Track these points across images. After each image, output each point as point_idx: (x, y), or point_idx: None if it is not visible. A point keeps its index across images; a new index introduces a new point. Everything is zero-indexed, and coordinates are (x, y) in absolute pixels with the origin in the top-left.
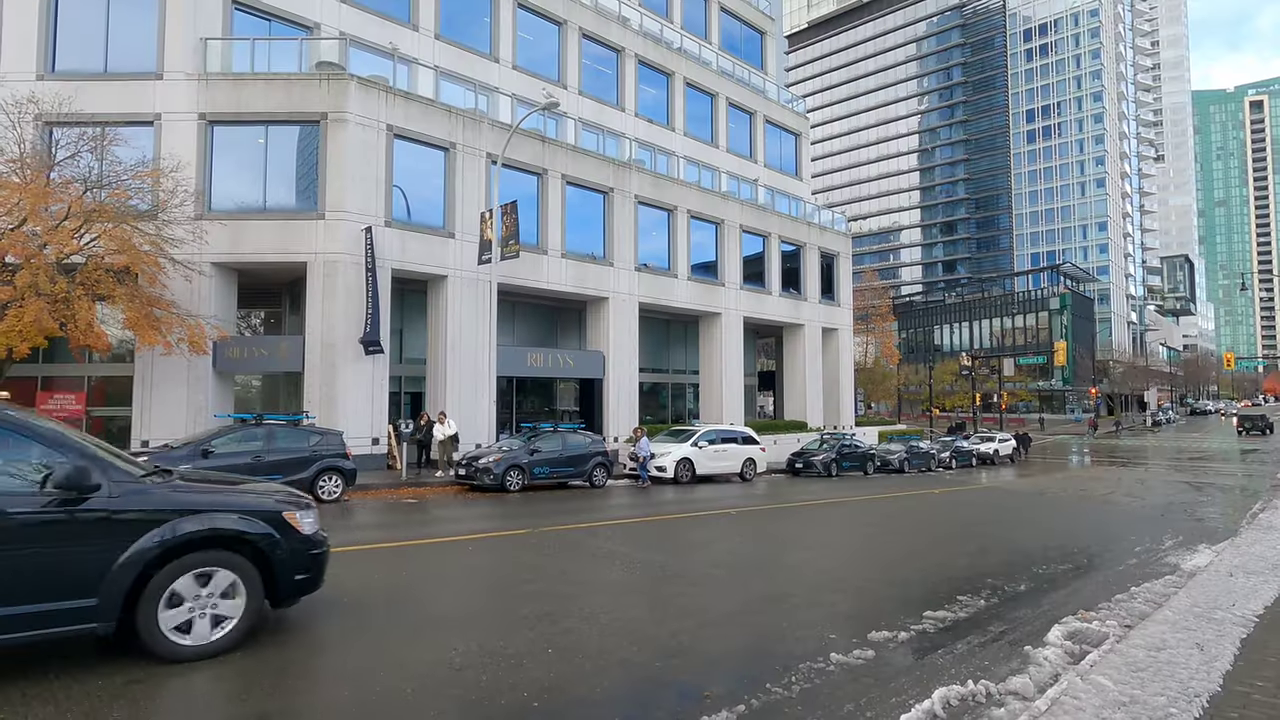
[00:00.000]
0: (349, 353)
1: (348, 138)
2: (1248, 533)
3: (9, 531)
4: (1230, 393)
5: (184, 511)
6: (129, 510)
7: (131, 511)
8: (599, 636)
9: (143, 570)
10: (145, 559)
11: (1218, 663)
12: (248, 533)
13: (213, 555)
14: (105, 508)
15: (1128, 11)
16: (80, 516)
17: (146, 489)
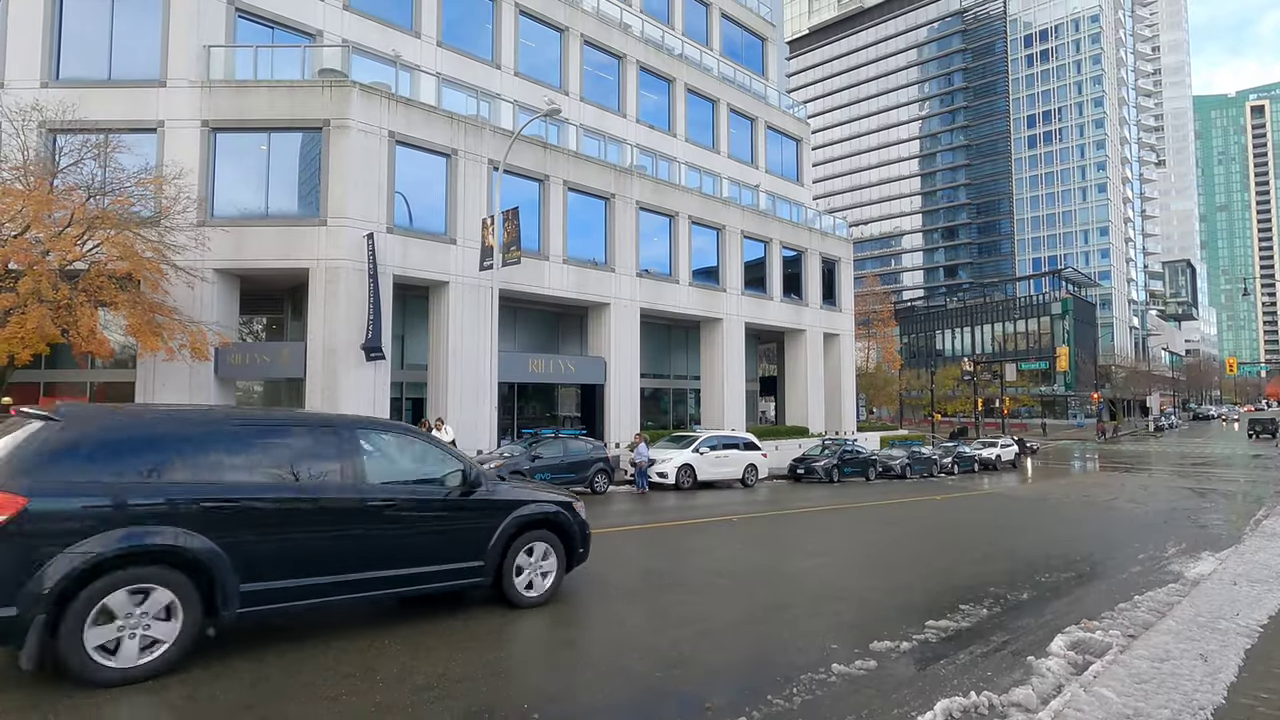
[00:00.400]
0: (351, 359)
1: (350, 144)
2: (1251, 540)
3: (434, 513)
4: (1233, 397)
5: (525, 502)
6: (496, 500)
7: (499, 501)
8: (599, 645)
9: (507, 541)
10: (507, 533)
11: (1222, 674)
12: (559, 515)
13: (539, 534)
14: (484, 497)
15: (1128, 17)
16: (470, 504)
17: (500, 486)
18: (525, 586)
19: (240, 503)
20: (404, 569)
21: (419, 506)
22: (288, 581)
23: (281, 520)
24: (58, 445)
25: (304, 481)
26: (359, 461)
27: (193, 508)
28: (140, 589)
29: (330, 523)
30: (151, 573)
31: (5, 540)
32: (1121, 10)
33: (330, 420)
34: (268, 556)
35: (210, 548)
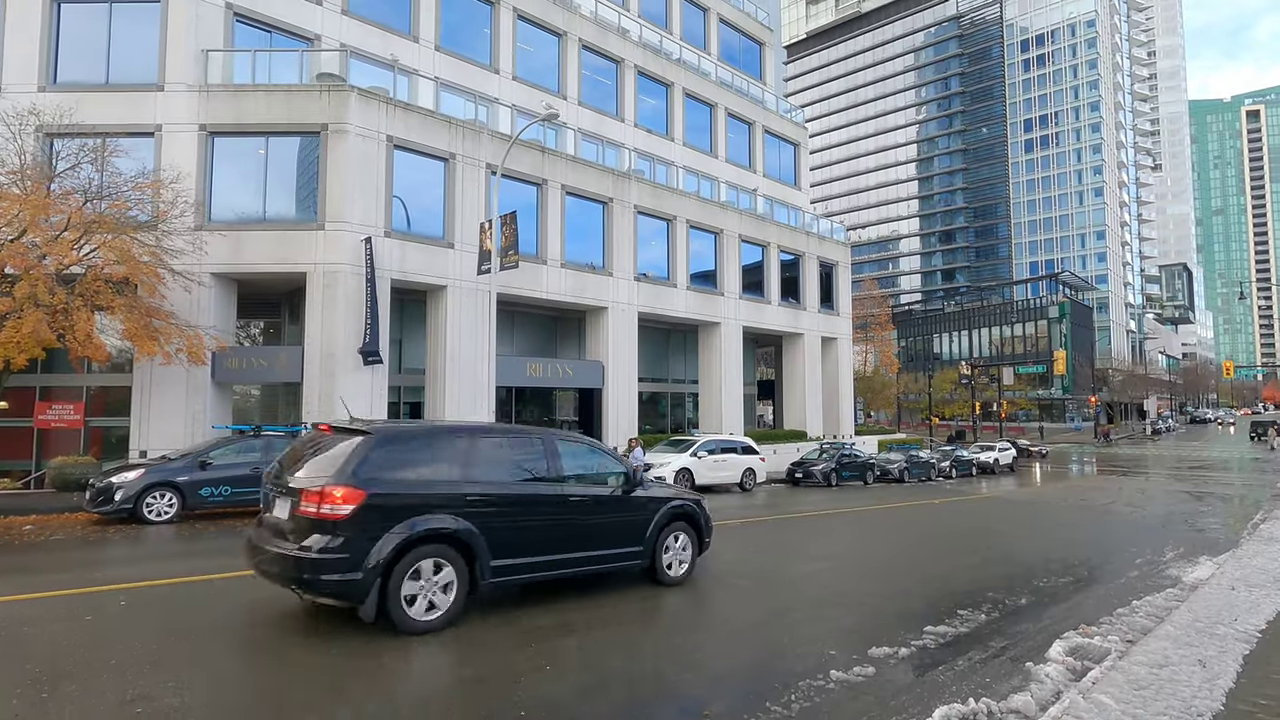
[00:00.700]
0: (348, 363)
1: (348, 149)
2: (1249, 544)
3: (607, 507)
4: (1229, 401)
5: (671, 499)
6: (651, 497)
7: (653, 497)
8: (599, 652)
9: (659, 531)
10: (661, 523)
11: (1220, 680)
12: (694, 509)
13: (680, 525)
14: (642, 495)
15: (1124, 22)
16: (632, 500)
17: (652, 486)
18: (668, 568)
19: (491, 496)
20: (592, 551)
21: (598, 501)
22: (521, 559)
23: (517, 510)
24: (376, 453)
25: (528, 480)
26: (560, 464)
27: (463, 500)
28: (435, 562)
29: (546, 513)
30: (440, 549)
31: (353, 523)
32: (1117, 15)
33: (544, 434)
34: (509, 539)
35: (474, 531)
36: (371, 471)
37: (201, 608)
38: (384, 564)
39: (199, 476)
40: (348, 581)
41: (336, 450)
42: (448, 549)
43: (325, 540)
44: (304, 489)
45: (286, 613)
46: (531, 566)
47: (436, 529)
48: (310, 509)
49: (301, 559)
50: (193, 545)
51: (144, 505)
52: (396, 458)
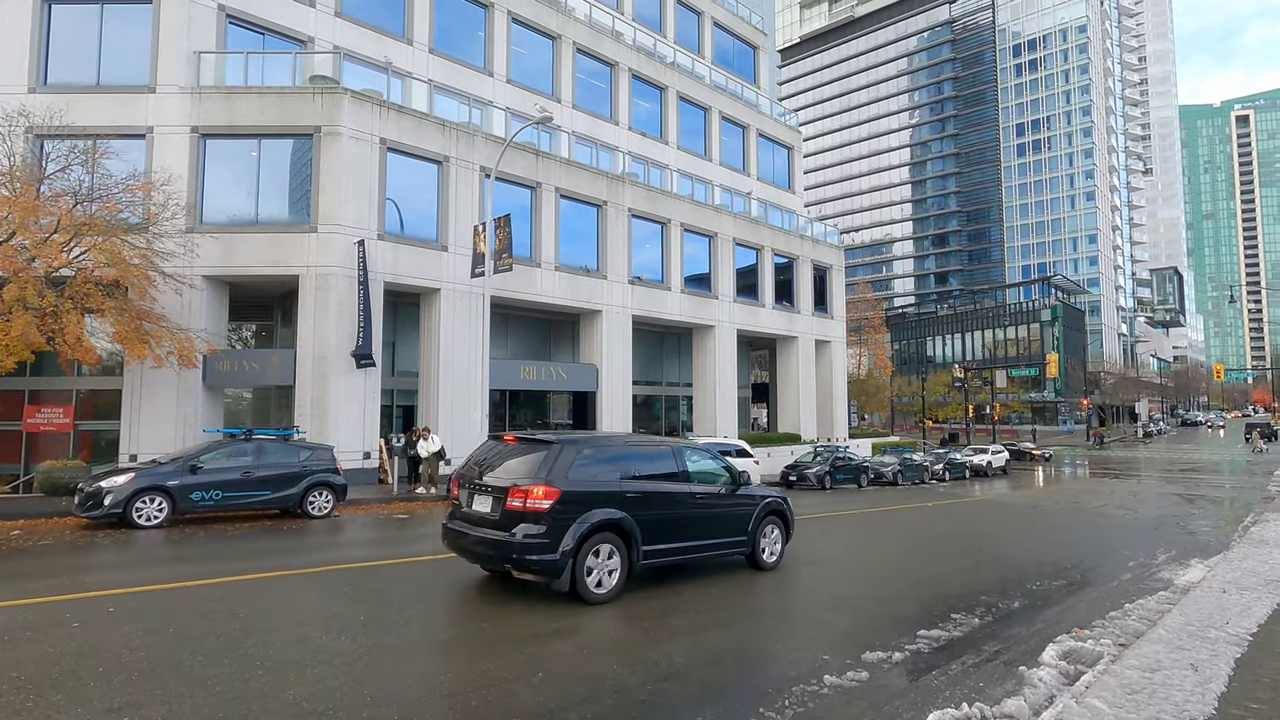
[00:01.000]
0: (341, 366)
1: (341, 151)
2: (1240, 546)
3: (720, 503)
4: (1220, 404)
5: (766, 496)
6: (752, 495)
7: (753, 495)
8: (589, 659)
9: (757, 524)
10: (759, 516)
11: (1212, 684)
12: (783, 505)
13: (773, 519)
14: (745, 493)
15: (1115, 28)
16: (738, 497)
17: (752, 486)
18: (765, 555)
19: (641, 494)
20: (710, 540)
21: (714, 499)
22: (662, 545)
23: (659, 505)
24: (562, 459)
25: (665, 480)
26: (686, 467)
27: (623, 497)
28: (607, 547)
29: (678, 508)
30: (609, 536)
31: (551, 515)
32: (1109, 21)
33: (673, 443)
34: (653, 529)
35: (632, 521)
36: (560, 473)
37: (190, 614)
38: (573, 547)
39: (189, 481)
40: (548, 561)
41: (530, 457)
42: (614, 536)
43: (530, 528)
44: (509, 487)
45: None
46: (668, 552)
47: (607, 520)
48: (517, 504)
49: (511, 543)
50: (183, 550)
51: (133, 510)
52: (576, 462)
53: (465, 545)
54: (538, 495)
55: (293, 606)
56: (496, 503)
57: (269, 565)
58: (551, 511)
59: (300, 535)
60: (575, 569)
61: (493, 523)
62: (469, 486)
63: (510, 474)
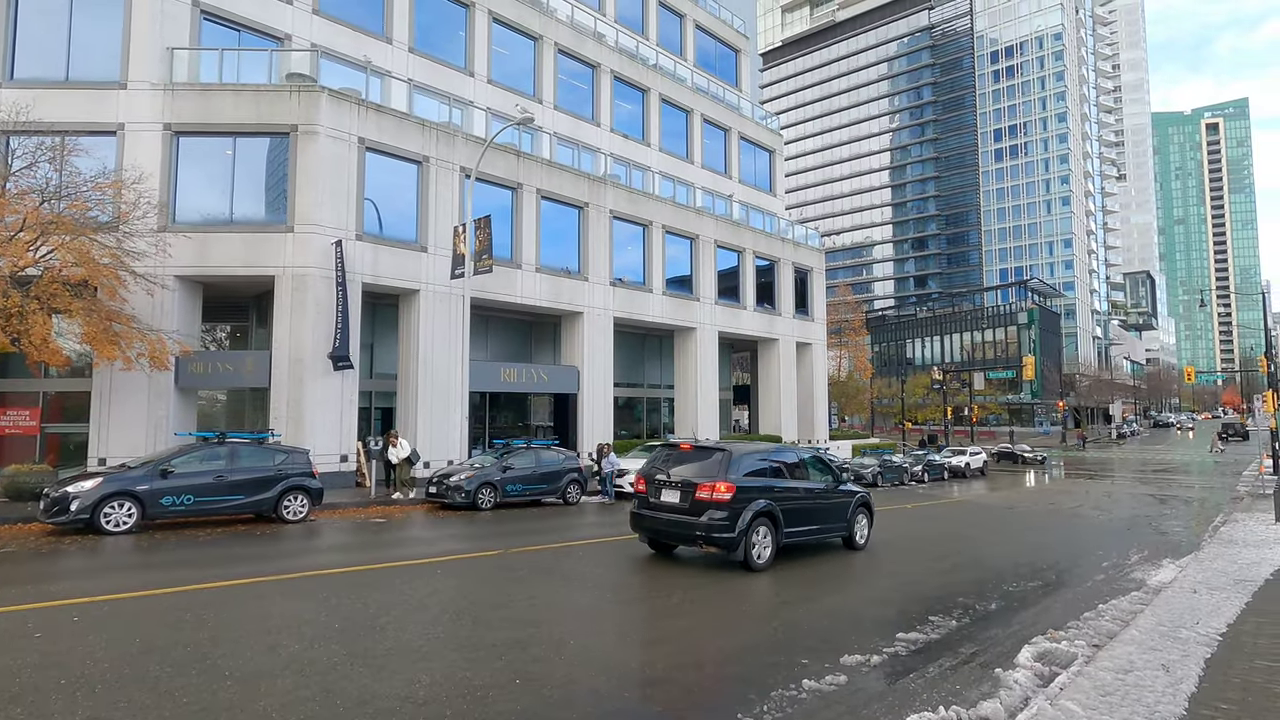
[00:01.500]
0: (318, 368)
1: (319, 150)
2: (1210, 547)
3: (828, 498)
4: (1191, 405)
5: (858, 491)
6: (848, 490)
7: (849, 490)
8: (568, 666)
9: (853, 514)
10: (854, 509)
11: (1183, 685)
12: (866, 499)
13: (862, 509)
14: (844, 489)
15: (1090, 36)
16: (839, 492)
17: (848, 483)
18: (858, 538)
19: (781, 489)
20: (822, 525)
21: (824, 493)
22: (794, 529)
23: (791, 498)
24: (734, 461)
25: (792, 480)
26: (806, 469)
27: (771, 490)
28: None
29: (803, 500)
30: (765, 521)
31: (730, 504)
32: (1083, 29)
33: (798, 451)
34: (788, 516)
35: (777, 511)
36: (734, 473)
37: (157, 623)
38: (745, 528)
39: (160, 485)
40: (729, 538)
41: (708, 460)
42: (768, 520)
43: (715, 513)
44: (698, 483)
45: None
46: (798, 534)
47: (764, 508)
48: (705, 495)
49: (701, 523)
50: (152, 557)
51: (101, 515)
52: (743, 465)
53: (658, 527)
54: (721, 489)
55: (264, 614)
56: (685, 495)
57: (241, 572)
58: (730, 501)
59: (275, 541)
60: (746, 544)
61: (683, 510)
62: (655, 484)
63: (692, 474)
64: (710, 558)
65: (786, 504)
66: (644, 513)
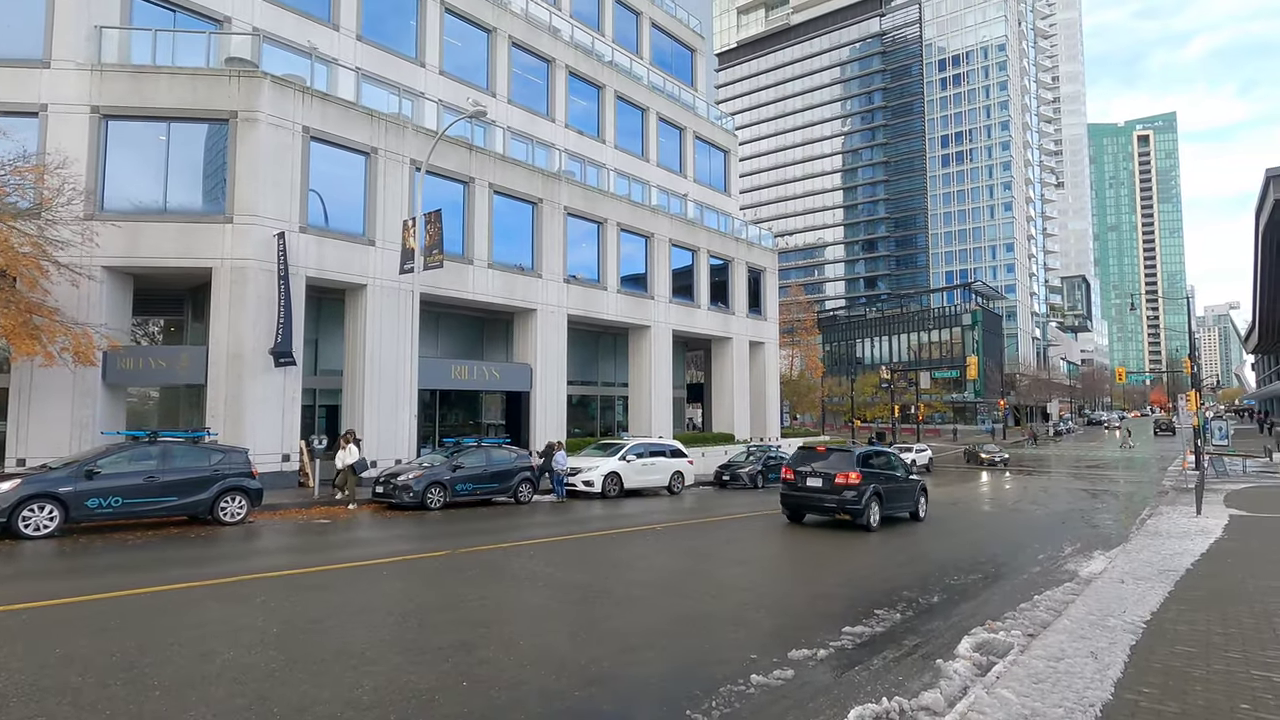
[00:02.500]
0: (258, 364)
1: (260, 138)
2: (1137, 539)
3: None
4: (1122, 404)
5: (920, 480)
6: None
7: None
8: (517, 666)
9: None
10: (919, 491)
11: (1110, 670)
12: (925, 485)
13: (923, 492)
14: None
15: (1031, 48)
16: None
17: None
18: (920, 513)
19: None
20: (902, 503)
21: (902, 479)
22: (888, 505)
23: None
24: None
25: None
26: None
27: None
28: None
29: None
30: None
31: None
32: (1025, 41)
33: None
34: (884, 496)
35: (880, 492)
36: (860, 465)
37: (80, 632)
38: (866, 502)
39: (85, 487)
40: (858, 509)
41: (841, 456)
42: (877, 498)
43: (849, 493)
44: (835, 473)
45: None
46: (889, 509)
47: (876, 490)
48: (841, 481)
49: (838, 499)
50: (76, 562)
51: (19, 519)
52: (860, 460)
53: (803, 503)
54: (853, 477)
55: (197, 621)
56: (826, 481)
57: (173, 576)
58: (858, 485)
59: (210, 544)
60: (868, 514)
61: (825, 491)
62: (800, 474)
63: (830, 467)
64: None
65: (885, 486)
66: (791, 493)
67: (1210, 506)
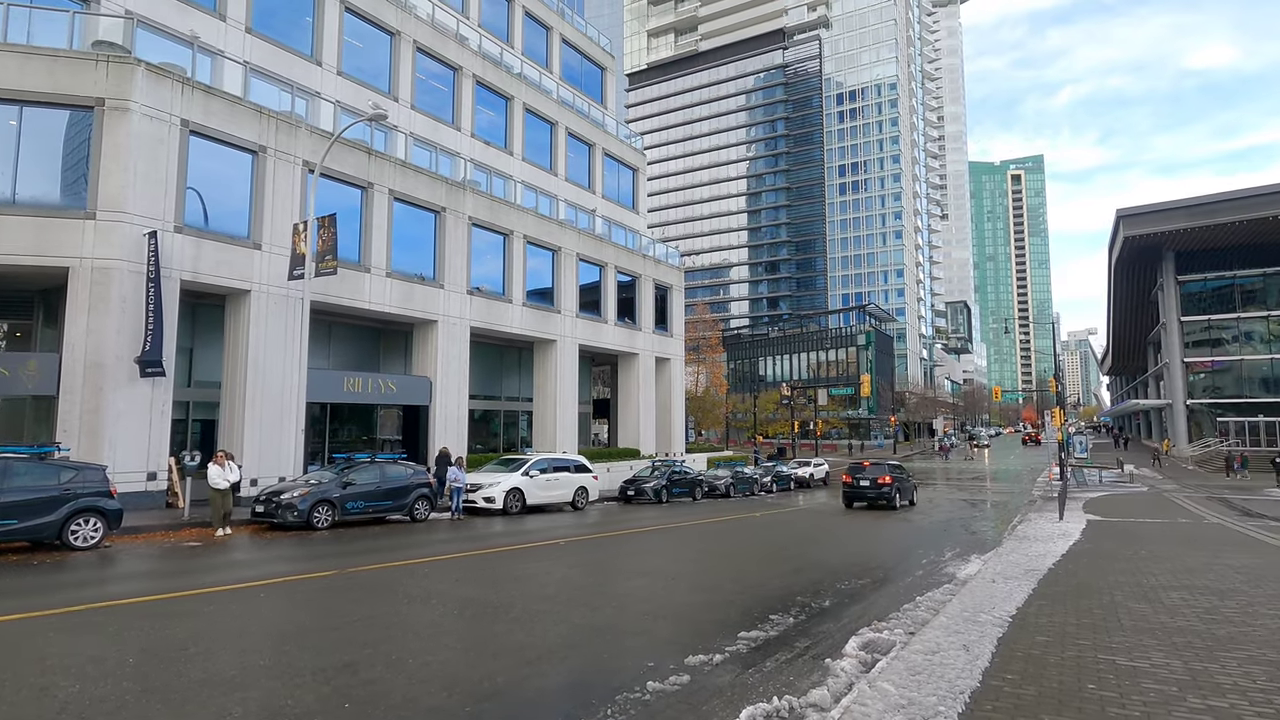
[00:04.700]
0: (121, 374)
1: (131, 130)
2: (1009, 543)
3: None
4: (999, 421)
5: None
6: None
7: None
8: (406, 685)
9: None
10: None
11: (979, 661)
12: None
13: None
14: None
15: (920, 89)
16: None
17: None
18: (910, 503)
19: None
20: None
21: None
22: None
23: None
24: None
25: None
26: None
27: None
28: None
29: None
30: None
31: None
32: (914, 82)
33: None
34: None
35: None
36: (891, 473)
37: None
38: (896, 493)
39: None
40: (891, 500)
41: (878, 467)
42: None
43: (886, 489)
44: (877, 477)
45: None
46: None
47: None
48: (882, 481)
49: (880, 494)
50: None
51: None
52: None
53: (857, 497)
54: (887, 480)
55: (37, 654)
56: (872, 483)
57: (8, 608)
58: (891, 484)
59: (58, 570)
60: (897, 500)
61: (872, 488)
62: (856, 478)
63: (874, 474)
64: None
65: (902, 485)
66: (850, 491)
67: (1071, 513)
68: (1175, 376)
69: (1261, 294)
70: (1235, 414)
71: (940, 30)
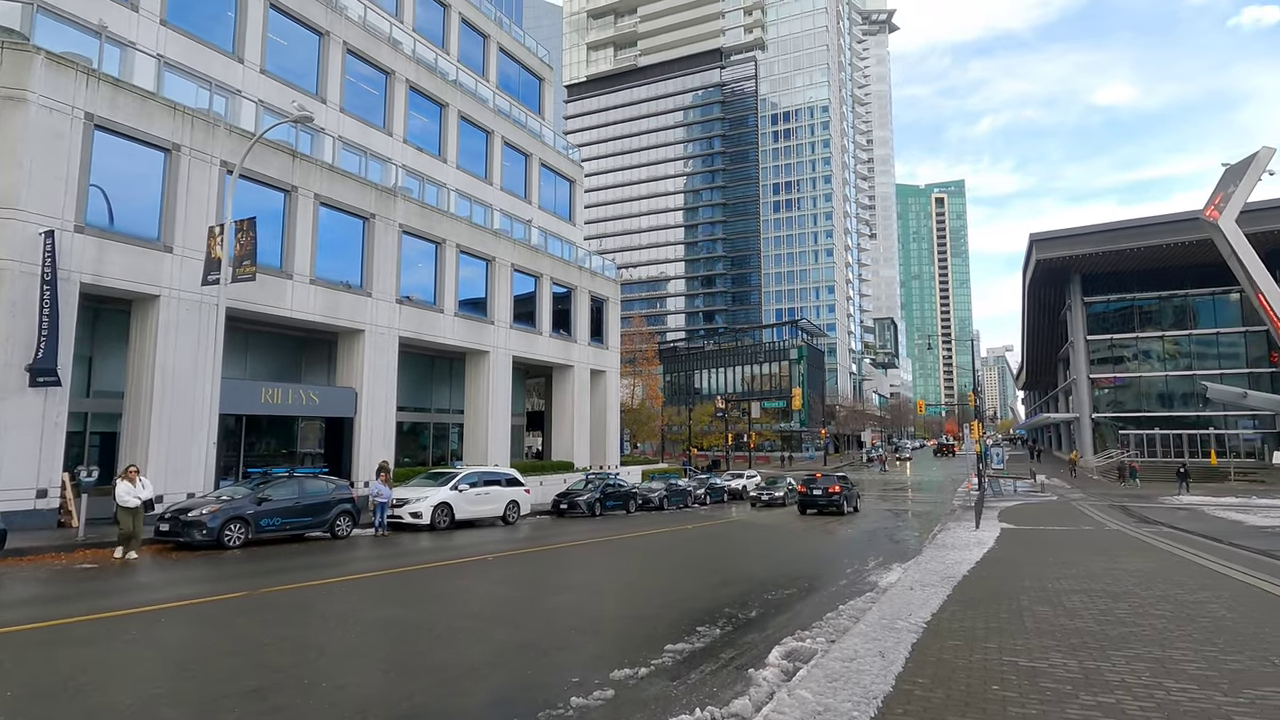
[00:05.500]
0: (9, 383)
1: (28, 121)
2: (928, 551)
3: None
4: (924, 433)
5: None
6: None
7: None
8: (318, 710)
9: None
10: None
11: (894, 666)
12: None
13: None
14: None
15: (850, 112)
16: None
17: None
18: (855, 510)
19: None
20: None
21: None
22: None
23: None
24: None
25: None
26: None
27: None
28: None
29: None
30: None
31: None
32: (845, 106)
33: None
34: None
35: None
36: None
37: None
38: (844, 500)
39: None
40: (839, 506)
41: (829, 479)
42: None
43: (835, 497)
44: (828, 486)
45: None
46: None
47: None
48: (833, 490)
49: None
50: None
51: None
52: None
53: (811, 504)
54: (836, 489)
55: None
56: (824, 492)
57: None
58: (839, 491)
59: None
60: (845, 507)
61: (824, 496)
62: (809, 488)
63: (826, 484)
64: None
65: (849, 493)
66: (805, 499)
67: (987, 521)
68: (1082, 392)
69: (1158, 315)
70: (1135, 427)
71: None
